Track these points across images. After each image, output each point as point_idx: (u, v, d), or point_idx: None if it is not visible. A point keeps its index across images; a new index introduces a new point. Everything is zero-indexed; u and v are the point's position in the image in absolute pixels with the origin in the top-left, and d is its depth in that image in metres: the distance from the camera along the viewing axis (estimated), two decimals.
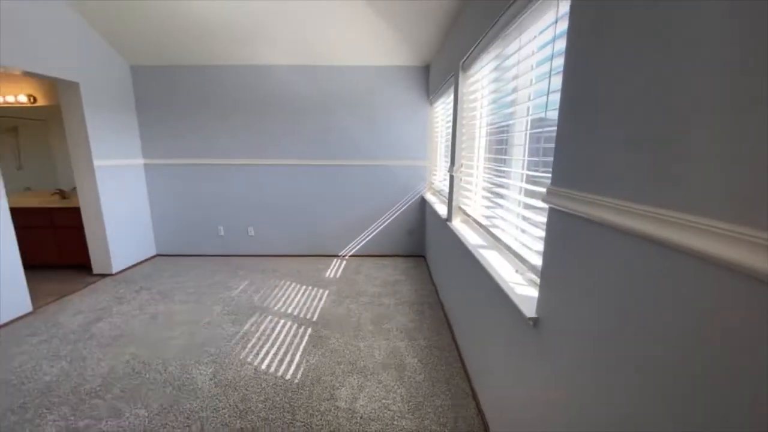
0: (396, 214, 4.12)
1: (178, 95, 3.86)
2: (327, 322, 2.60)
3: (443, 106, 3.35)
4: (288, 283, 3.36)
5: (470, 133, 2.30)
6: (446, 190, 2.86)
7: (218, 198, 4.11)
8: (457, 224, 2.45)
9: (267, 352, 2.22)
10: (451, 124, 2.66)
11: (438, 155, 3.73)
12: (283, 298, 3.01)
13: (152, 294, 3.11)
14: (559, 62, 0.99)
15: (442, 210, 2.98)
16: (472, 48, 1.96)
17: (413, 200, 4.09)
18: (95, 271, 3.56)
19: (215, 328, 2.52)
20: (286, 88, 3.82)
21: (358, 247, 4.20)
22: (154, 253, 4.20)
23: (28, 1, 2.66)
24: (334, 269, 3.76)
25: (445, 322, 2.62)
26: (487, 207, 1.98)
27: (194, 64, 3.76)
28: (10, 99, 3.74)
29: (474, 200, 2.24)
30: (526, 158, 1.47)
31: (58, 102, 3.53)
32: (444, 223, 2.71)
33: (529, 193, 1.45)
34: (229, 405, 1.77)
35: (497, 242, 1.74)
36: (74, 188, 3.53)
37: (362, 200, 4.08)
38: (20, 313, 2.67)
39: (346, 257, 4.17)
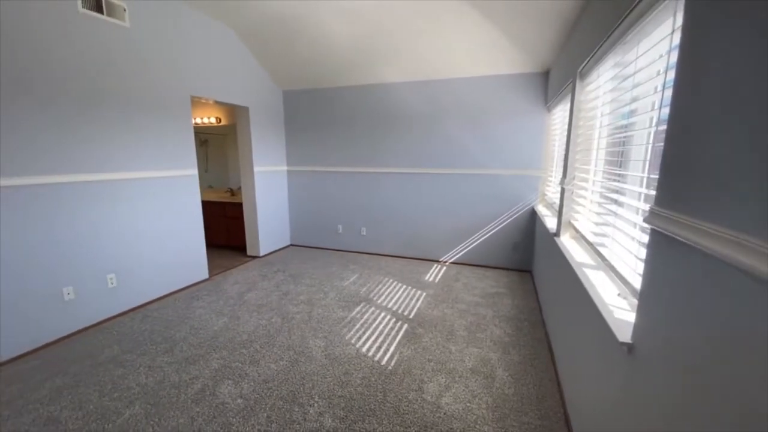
0: (502, 225, 4.01)
1: (315, 113, 4.62)
2: (422, 322, 2.77)
3: (561, 114, 3.15)
4: (390, 280, 3.66)
5: (585, 145, 2.15)
6: (558, 202, 2.70)
7: (339, 200, 4.73)
8: (566, 240, 2.31)
9: (368, 338, 2.51)
10: (566, 133, 2.52)
11: (554, 165, 3.50)
12: (385, 294, 3.31)
13: (285, 276, 3.81)
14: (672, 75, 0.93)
15: (551, 224, 2.82)
16: (590, 55, 1.86)
17: (522, 211, 3.92)
18: (248, 253, 4.54)
19: (328, 310, 2.96)
20: (401, 102, 4.16)
21: (459, 254, 4.24)
22: (288, 243, 5.09)
23: (226, 51, 3.62)
24: (434, 273, 3.90)
25: (545, 341, 2.48)
26: (598, 224, 1.84)
27: (330, 86, 4.44)
28: (205, 120, 5.08)
29: (585, 216, 2.09)
30: (647, 175, 1.35)
31: (233, 122, 4.65)
32: (552, 237, 2.57)
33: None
34: (335, 375, 2.10)
35: (603, 262, 1.62)
36: (239, 187, 4.57)
37: (468, 208, 4.11)
38: (201, 279, 3.63)
39: (447, 263, 4.26)
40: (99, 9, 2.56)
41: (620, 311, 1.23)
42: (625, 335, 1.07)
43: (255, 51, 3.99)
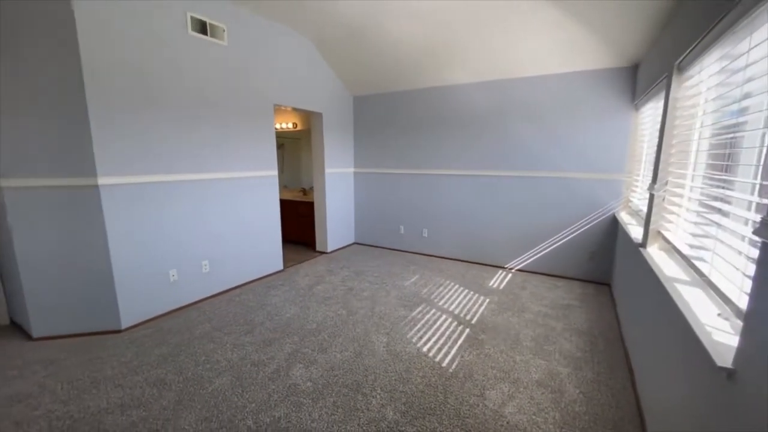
0: (577, 232, 3.73)
1: (382, 117, 4.77)
2: (485, 328, 2.71)
3: (651, 112, 2.85)
4: (452, 284, 3.63)
5: (682, 146, 1.93)
6: (646, 210, 2.45)
7: (402, 201, 4.81)
8: (653, 251, 2.10)
9: (428, 339, 2.54)
10: (658, 134, 2.28)
11: (641, 169, 3.17)
12: (446, 297, 3.29)
13: (350, 272, 4.01)
14: None
15: (635, 233, 2.57)
16: (691, 47, 1.67)
17: (601, 219, 3.60)
18: (317, 248, 4.86)
19: (390, 308, 3.05)
20: (467, 104, 4.10)
21: (526, 262, 4.04)
22: (353, 241, 5.33)
23: (304, 61, 3.94)
24: (498, 280, 3.77)
25: (623, 361, 2.27)
26: (695, 235, 1.64)
27: (397, 90, 4.56)
28: (283, 126, 5.54)
29: (678, 225, 1.87)
30: (759, 181, 1.19)
31: (308, 127, 5.01)
32: (636, 248, 2.34)
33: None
34: (396, 371, 2.17)
35: (701, 278, 1.44)
36: (311, 188, 4.91)
37: (537, 213, 3.90)
38: (276, 270, 3.98)
39: (513, 270, 4.08)
40: (204, 31, 2.97)
41: (720, 333, 1.10)
42: (725, 360, 0.96)
43: (330, 59, 4.26)
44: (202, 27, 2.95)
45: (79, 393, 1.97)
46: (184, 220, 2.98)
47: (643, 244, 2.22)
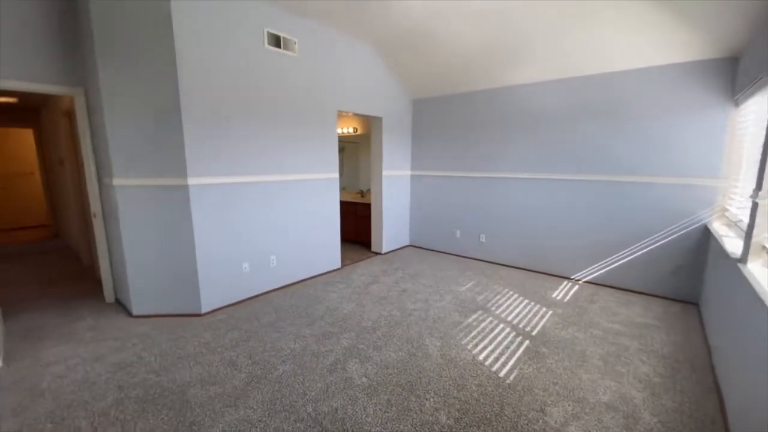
0: (658, 243, 3.35)
1: (440, 119, 4.76)
2: (547, 341, 2.56)
3: (756, 108, 2.47)
4: (510, 292, 3.48)
5: None
6: (746, 221, 2.13)
7: (459, 205, 4.73)
8: (755, 268, 1.82)
9: (485, 347, 2.47)
10: (765, 133, 1.97)
11: (742, 173, 2.76)
12: (504, 305, 3.17)
13: (404, 274, 4.04)
14: None
15: (732, 246, 2.24)
16: None
17: (689, 229, 3.19)
18: (372, 249, 4.98)
19: (444, 312, 3.02)
20: (534, 104, 3.91)
21: (596, 273, 3.72)
22: (407, 243, 5.36)
23: (366, 67, 4.08)
24: (563, 291, 3.53)
25: (714, 392, 1.99)
26: None
27: (456, 92, 4.52)
28: (345, 131, 5.77)
29: None
30: None
31: (367, 131, 5.16)
32: (733, 264, 2.05)
33: None
34: (450, 376, 2.14)
35: None
36: (368, 189, 5.04)
37: (610, 221, 3.57)
38: (334, 268, 4.17)
39: (579, 282, 3.79)
40: (278, 45, 3.23)
41: None
42: None
43: (390, 64, 4.36)
44: (276, 41, 3.21)
45: (168, 366, 2.26)
46: (255, 218, 3.26)
47: (743, 260, 1.94)
